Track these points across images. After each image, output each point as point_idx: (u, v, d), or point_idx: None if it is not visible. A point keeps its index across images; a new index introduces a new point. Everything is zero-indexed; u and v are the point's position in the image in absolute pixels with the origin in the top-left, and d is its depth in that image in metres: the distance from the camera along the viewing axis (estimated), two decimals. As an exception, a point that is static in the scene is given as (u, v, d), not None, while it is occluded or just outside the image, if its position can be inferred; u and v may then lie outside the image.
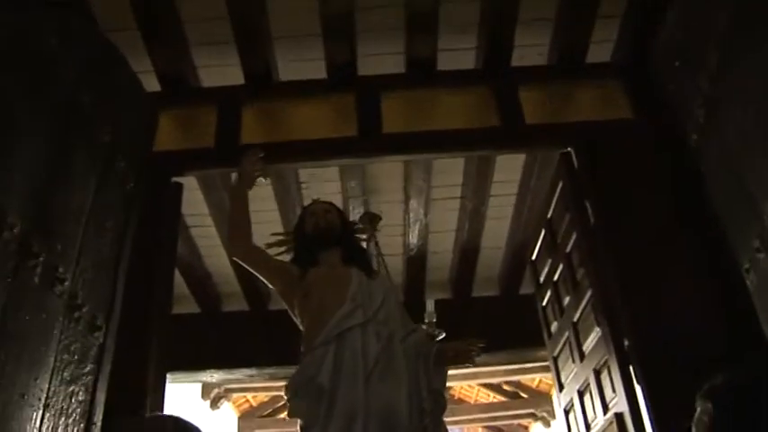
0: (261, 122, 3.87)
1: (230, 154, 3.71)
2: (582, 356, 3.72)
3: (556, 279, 4.05)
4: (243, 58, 3.78)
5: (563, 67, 3.87)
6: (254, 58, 3.78)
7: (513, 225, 5.29)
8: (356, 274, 2.93)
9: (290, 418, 2.76)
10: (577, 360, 3.77)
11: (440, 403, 2.76)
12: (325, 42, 3.73)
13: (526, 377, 10.87)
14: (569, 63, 3.87)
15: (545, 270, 4.24)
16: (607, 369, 3.37)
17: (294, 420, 2.67)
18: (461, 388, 12.53)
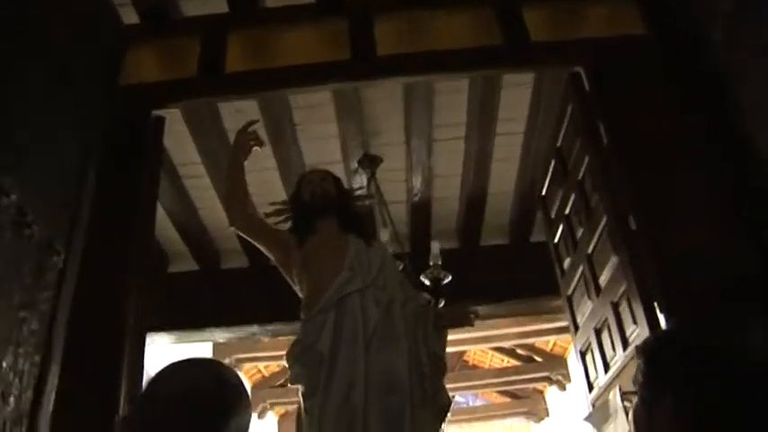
0: (247, 50, 3.53)
1: (215, 83, 3.45)
2: (598, 291, 3.39)
3: (568, 212, 3.71)
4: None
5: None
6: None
7: (521, 166, 4.94)
8: (353, 241, 2.94)
9: (291, 385, 2.79)
10: (593, 295, 3.45)
11: (439, 367, 2.77)
12: (313, -37, 3.42)
13: (540, 340, 10.60)
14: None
15: (556, 204, 3.91)
16: (626, 300, 3.05)
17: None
18: (475, 353, 12.26)
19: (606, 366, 3.40)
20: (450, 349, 6.38)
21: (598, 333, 3.47)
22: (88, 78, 2.66)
